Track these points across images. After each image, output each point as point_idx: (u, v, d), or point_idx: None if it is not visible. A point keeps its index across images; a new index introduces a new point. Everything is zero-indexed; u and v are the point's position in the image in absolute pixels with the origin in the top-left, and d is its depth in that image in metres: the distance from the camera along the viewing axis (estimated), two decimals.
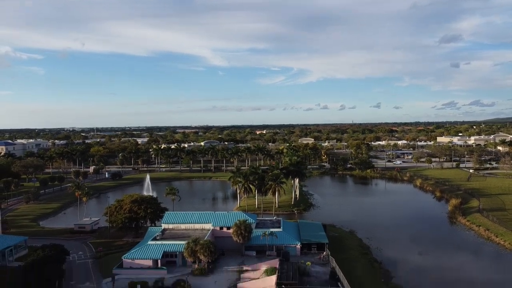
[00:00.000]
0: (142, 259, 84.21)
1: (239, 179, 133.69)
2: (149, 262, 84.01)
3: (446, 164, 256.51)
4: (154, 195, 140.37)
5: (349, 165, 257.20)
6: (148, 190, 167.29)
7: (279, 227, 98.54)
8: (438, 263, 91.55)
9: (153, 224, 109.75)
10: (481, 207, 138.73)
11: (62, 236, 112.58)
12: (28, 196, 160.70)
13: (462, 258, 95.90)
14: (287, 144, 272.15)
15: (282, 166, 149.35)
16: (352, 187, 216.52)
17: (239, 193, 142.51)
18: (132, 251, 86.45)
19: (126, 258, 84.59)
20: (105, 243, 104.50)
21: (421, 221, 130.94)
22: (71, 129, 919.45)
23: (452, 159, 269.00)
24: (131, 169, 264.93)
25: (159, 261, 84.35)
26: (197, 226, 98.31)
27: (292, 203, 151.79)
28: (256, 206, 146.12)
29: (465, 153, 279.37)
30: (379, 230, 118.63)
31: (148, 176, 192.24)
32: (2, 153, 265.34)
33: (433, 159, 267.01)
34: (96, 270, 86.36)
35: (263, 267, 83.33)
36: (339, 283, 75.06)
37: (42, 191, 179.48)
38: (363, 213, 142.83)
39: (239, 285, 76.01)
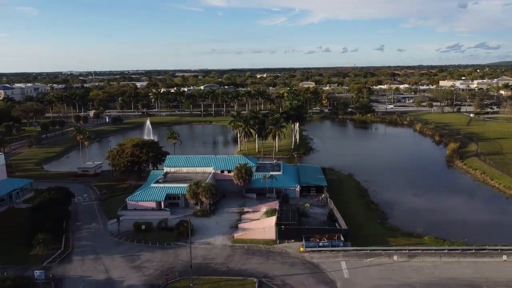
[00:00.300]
0: (145, 201, 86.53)
1: (239, 123, 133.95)
2: (153, 204, 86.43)
3: (447, 109, 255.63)
4: (155, 139, 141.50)
5: (349, 110, 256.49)
6: (148, 134, 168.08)
7: (279, 171, 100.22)
8: (433, 205, 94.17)
9: (155, 168, 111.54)
10: (479, 151, 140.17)
11: (66, 179, 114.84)
12: (31, 141, 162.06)
13: (457, 201, 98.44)
14: (288, 88, 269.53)
15: (282, 110, 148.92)
16: (352, 131, 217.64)
17: (240, 137, 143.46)
18: (136, 194, 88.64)
19: (130, 200, 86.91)
20: (108, 186, 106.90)
21: (419, 165, 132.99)
22: (69, 73, 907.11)
23: (454, 103, 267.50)
24: (132, 113, 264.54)
25: (162, 203, 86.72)
26: (199, 169, 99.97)
27: (292, 147, 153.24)
28: (257, 150, 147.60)
29: (467, 97, 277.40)
30: (377, 174, 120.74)
31: (148, 121, 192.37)
32: (1, 97, 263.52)
33: (434, 104, 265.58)
34: (101, 211, 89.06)
35: (263, 208, 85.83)
36: (336, 224, 77.80)
37: (44, 135, 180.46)
38: (362, 157, 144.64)
39: (240, 225, 78.73)
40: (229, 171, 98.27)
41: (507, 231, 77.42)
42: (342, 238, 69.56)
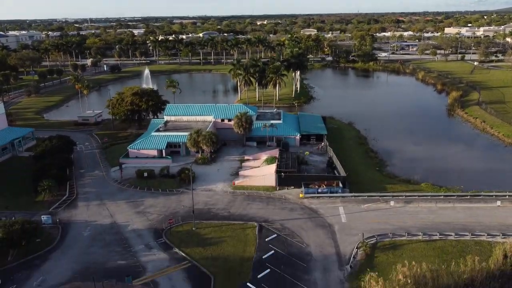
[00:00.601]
0: (147, 149, 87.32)
1: (239, 72, 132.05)
2: (154, 152, 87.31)
3: (451, 57, 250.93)
4: (155, 88, 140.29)
5: (351, 58, 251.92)
6: (148, 83, 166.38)
7: (279, 119, 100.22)
8: (431, 153, 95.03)
9: (155, 117, 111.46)
10: (481, 99, 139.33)
11: (67, 128, 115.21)
12: (29, 90, 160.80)
13: (455, 149, 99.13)
14: (289, 36, 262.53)
15: (283, 58, 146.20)
16: (354, 80, 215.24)
17: (240, 86, 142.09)
18: (137, 142, 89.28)
19: (132, 149, 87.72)
20: (109, 135, 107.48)
21: (420, 114, 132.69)
22: (63, 20, 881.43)
23: (458, 51, 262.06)
24: (130, 62, 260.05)
25: (163, 151, 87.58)
26: (199, 118, 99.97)
27: (293, 96, 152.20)
28: (257, 99, 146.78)
29: (472, 45, 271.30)
30: (377, 122, 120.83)
31: (147, 69, 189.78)
32: None
33: (438, 52, 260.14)
34: (103, 159, 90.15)
35: (264, 156, 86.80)
36: (335, 171, 79.01)
37: (42, 84, 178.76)
38: (363, 106, 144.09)
39: (241, 172, 80.00)
40: (229, 120, 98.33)
41: (503, 178, 78.63)
42: (340, 185, 70.96)
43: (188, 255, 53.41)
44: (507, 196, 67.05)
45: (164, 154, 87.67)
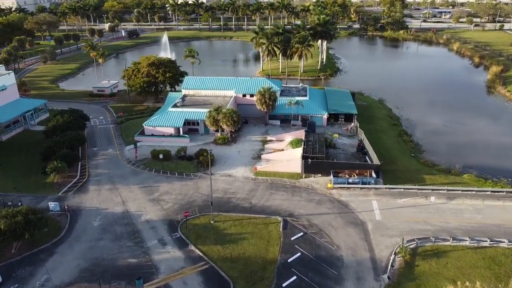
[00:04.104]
0: (163, 126, 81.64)
1: (262, 41, 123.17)
2: (171, 130, 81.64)
3: (488, 26, 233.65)
4: (173, 57, 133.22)
5: (380, 25, 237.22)
6: (166, 50, 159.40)
7: (305, 95, 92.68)
8: (473, 138, 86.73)
9: (172, 89, 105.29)
10: None
11: (81, 99, 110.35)
12: (45, 56, 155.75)
13: (499, 134, 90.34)
14: (314, 0, 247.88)
15: (309, 26, 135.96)
16: (383, 50, 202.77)
17: (262, 56, 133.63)
18: (153, 118, 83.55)
19: (147, 125, 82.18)
20: (125, 108, 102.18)
21: (456, 91, 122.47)
22: None
23: (496, 19, 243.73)
24: (149, 27, 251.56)
25: (180, 129, 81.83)
26: (219, 92, 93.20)
27: (318, 67, 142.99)
28: (280, 71, 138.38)
29: None
30: (410, 99, 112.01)
31: (165, 35, 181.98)
32: (13, 8, 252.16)
33: (474, 20, 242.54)
34: (117, 135, 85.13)
35: (288, 137, 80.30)
36: (366, 157, 72.13)
37: (58, 50, 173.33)
38: (394, 79, 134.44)
39: (263, 156, 73.94)
40: (251, 95, 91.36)
41: None
42: (373, 175, 64.25)
43: (205, 254, 48.37)
44: None
45: (181, 132, 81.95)
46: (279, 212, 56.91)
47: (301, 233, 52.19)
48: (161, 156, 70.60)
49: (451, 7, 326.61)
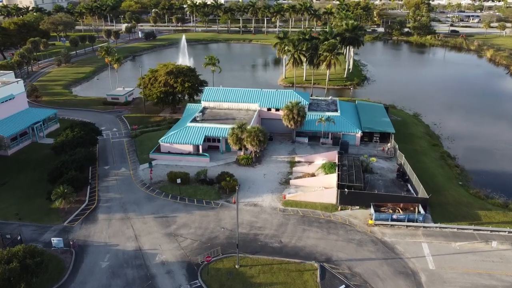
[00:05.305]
0: (181, 143, 74.46)
1: (288, 48, 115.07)
2: (190, 148, 74.40)
3: None
4: (191, 62, 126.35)
5: (406, 30, 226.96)
6: (184, 55, 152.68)
7: (336, 110, 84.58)
8: None
9: (191, 99, 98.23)
10: None
11: (95, 107, 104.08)
12: (59, 59, 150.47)
13: None
14: (338, 3, 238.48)
15: (336, 32, 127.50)
16: (410, 56, 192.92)
17: (287, 64, 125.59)
18: (170, 134, 76.38)
19: (164, 142, 75.10)
20: (140, 119, 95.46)
21: (497, 104, 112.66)
22: None
23: None
24: (166, 28, 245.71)
25: (200, 146, 74.53)
26: (242, 105, 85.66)
27: (345, 76, 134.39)
28: (304, 79, 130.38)
29: None
30: (447, 114, 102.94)
31: (184, 39, 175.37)
32: (30, 7, 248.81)
33: (506, 25, 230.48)
34: (132, 151, 78.23)
35: (318, 159, 72.40)
36: (408, 185, 63.85)
37: (73, 52, 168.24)
38: (426, 90, 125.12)
39: (292, 181, 66.09)
40: (277, 109, 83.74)
41: None
42: (421, 210, 55.92)
43: None
44: None
45: (200, 151, 74.66)
46: (314, 255, 49.08)
47: (343, 286, 44.26)
48: (178, 181, 63.19)
49: (479, 10, 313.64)
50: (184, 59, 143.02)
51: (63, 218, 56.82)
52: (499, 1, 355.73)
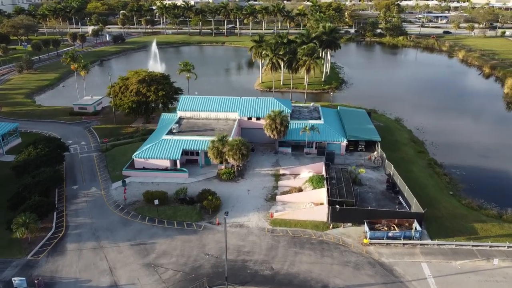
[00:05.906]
0: (157, 158, 69.02)
1: (266, 52, 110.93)
2: (166, 163, 69.07)
3: (489, 32, 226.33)
4: (163, 67, 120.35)
5: (378, 31, 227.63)
6: (156, 60, 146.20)
7: (319, 118, 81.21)
8: (509, 169, 76.40)
9: (166, 109, 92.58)
10: None
11: (60, 118, 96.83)
12: (21, 65, 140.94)
13: None
14: (310, 4, 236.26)
15: (313, 35, 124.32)
16: (384, 58, 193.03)
17: (264, 69, 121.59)
18: (145, 148, 70.69)
19: (138, 158, 69.44)
20: (111, 130, 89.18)
21: (475, 106, 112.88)
22: None
23: (498, 26, 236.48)
24: (135, 30, 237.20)
25: (178, 161, 69.31)
26: (220, 115, 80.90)
27: (323, 79, 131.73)
28: (282, 83, 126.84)
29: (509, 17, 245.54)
30: (429, 118, 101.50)
31: (155, 43, 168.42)
32: None
33: (474, 25, 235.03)
34: (102, 167, 72.19)
35: (304, 171, 68.72)
36: (399, 197, 61.01)
37: (36, 57, 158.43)
38: (403, 93, 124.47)
39: (278, 197, 61.93)
40: (258, 118, 79.59)
41: None
42: (418, 227, 52.90)
43: None
44: None
45: (178, 166, 69.44)
46: (309, 282, 45.10)
47: None
48: (156, 202, 57.89)
49: (446, 11, 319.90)
50: (155, 65, 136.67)
51: (27, 250, 50.56)
52: (464, 2, 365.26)
